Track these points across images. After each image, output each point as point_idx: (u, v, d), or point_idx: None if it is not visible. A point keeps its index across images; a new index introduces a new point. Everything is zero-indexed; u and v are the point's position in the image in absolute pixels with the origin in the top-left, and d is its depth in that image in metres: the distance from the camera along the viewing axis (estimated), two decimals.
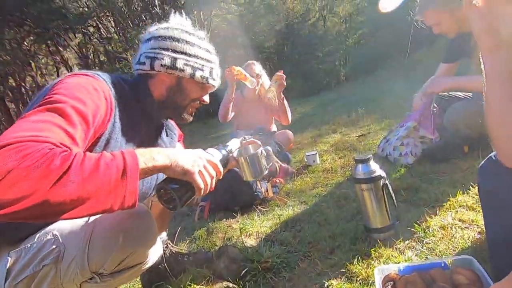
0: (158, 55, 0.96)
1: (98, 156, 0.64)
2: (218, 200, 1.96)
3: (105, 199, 0.61)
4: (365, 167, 1.23)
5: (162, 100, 1.00)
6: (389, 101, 4.22)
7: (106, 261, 0.79)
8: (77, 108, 0.72)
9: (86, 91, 0.78)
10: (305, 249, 1.30)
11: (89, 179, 0.59)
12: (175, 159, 0.74)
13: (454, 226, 1.16)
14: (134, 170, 0.65)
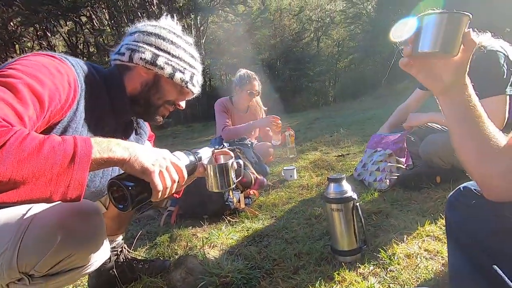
0: (140, 48, 0.92)
1: (45, 137, 0.57)
2: (187, 206, 1.87)
3: (43, 186, 0.55)
4: (337, 187, 1.21)
5: (135, 94, 0.95)
6: (371, 126, 4.32)
7: (39, 261, 0.70)
8: (32, 87, 0.66)
9: (47, 71, 0.72)
10: (268, 266, 1.24)
11: (26, 161, 0.53)
12: (135, 154, 0.67)
13: (420, 255, 1.14)
14: (85, 159, 0.58)
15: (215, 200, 1.81)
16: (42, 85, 0.68)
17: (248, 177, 2.06)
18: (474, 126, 0.65)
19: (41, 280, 0.73)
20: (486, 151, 0.65)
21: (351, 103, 9.22)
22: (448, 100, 0.67)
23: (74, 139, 0.60)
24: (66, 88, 0.75)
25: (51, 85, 0.70)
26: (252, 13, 11.57)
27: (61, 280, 0.76)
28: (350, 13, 14.27)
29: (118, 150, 0.65)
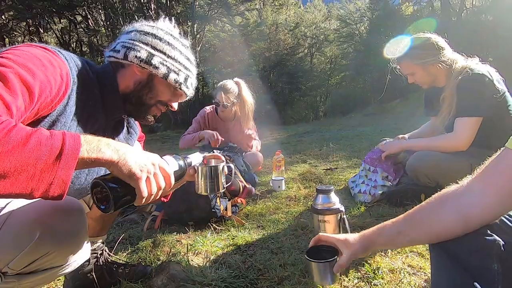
0: (136, 46, 0.91)
1: (32, 130, 0.55)
2: (172, 212, 1.84)
3: (25, 182, 0.52)
4: (325, 198, 1.22)
5: (127, 93, 0.94)
6: (360, 142, 4.40)
7: (14, 258, 0.67)
8: (22, 76, 0.64)
9: (39, 62, 0.70)
10: (253, 276, 1.22)
11: (10, 153, 0.51)
12: (124, 158, 0.66)
13: (403, 270, 1.15)
14: (71, 157, 0.56)
15: (201, 207, 1.78)
16: (33, 75, 0.67)
17: (237, 185, 2.05)
18: (407, 236, 0.81)
19: (13, 279, 0.69)
20: (433, 230, 0.76)
21: (340, 119, 9.40)
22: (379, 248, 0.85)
23: (63, 135, 0.58)
24: (58, 81, 0.73)
25: (43, 76, 0.69)
26: (249, 25, 11.78)
27: (35, 280, 0.73)
28: (344, 32, 14.76)
29: (107, 152, 0.63)
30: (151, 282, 1.15)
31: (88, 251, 0.84)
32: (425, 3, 13.56)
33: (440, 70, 1.73)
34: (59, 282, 1.30)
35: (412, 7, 14.78)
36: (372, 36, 12.75)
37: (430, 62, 1.71)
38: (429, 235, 0.76)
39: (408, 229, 0.78)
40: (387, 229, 0.82)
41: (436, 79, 1.77)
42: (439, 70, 1.73)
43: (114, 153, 0.64)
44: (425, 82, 1.80)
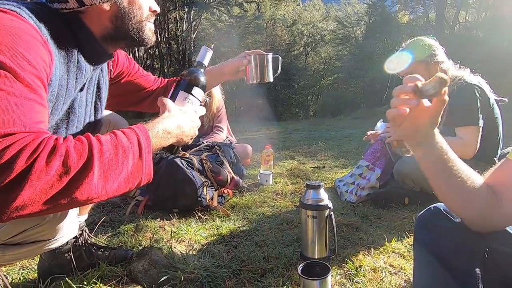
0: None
1: (114, 141, 0.60)
2: (157, 198, 1.80)
3: (125, 185, 0.61)
4: (314, 194, 1.22)
5: (109, 33, 0.79)
6: (348, 144, 4.45)
7: (2, 227, 0.64)
8: (27, 69, 0.57)
9: (22, 41, 0.59)
10: (236, 267, 1.21)
11: (110, 170, 0.57)
12: (182, 138, 0.80)
13: (385, 270, 1.17)
14: (149, 155, 0.65)
15: (187, 194, 1.75)
16: (31, 62, 0.58)
17: (224, 176, 2.02)
18: (450, 176, 0.68)
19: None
20: (464, 195, 0.69)
21: (330, 120, 9.49)
22: (425, 153, 0.70)
23: (137, 138, 0.64)
24: (45, 54, 0.63)
25: (36, 56, 0.60)
26: (246, 17, 11.63)
27: (19, 253, 0.69)
28: (340, 34, 14.84)
29: (168, 141, 0.75)
30: (132, 267, 1.12)
31: (77, 228, 0.82)
32: (421, 13, 13.81)
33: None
34: (34, 261, 1.25)
35: (408, 16, 15.02)
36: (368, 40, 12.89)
37: (433, 60, 1.74)
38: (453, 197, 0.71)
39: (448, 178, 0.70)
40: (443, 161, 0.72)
41: None
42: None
43: (173, 139, 0.77)
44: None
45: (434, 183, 0.72)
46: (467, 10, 12.74)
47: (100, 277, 1.06)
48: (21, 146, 0.49)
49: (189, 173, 1.78)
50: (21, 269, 1.20)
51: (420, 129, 0.67)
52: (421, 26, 12.58)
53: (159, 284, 1.06)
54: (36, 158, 0.49)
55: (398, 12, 14.69)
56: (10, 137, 0.49)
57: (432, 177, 0.71)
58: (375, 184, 1.93)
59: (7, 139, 0.49)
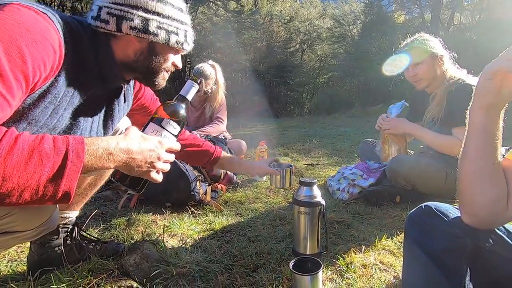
0: (127, 14, 0.78)
1: (34, 144, 0.54)
2: (150, 192, 1.79)
3: (30, 197, 0.54)
4: (307, 191, 1.22)
5: (127, 62, 0.85)
6: (342, 142, 4.48)
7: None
8: (14, 61, 0.57)
9: (29, 36, 0.60)
10: (228, 262, 1.22)
11: (12, 175, 0.51)
12: (131, 165, 0.70)
13: (375, 266, 1.19)
14: (74, 170, 0.57)
15: (180, 188, 1.75)
16: (25, 56, 0.59)
17: (218, 171, 2.02)
18: (490, 144, 0.69)
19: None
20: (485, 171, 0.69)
21: (324, 118, 9.52)
22: (490, 114, 0.70)
23: (66, 148, 0.57)
24: (51, 55, 0.65)
25: (36, 53, 0.61)
26: (243, 12, 11.54)
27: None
28: (336, 32, 14.85)
29: (110, 163, 0.66)
30: (123, 261, 1.11)
31: (55, 220, 0.80)
32: (417, 14, 13.90)
33: (441, 71, 1.78)
34: (23, 254, 1.23)
35: (404, 16, 15.11)
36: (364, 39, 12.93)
37: (439, 54, 1.76)
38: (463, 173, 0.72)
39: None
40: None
41: (434, 79, 1.80)
42: (440, 71, 1.78)
43: (119, 163, 0.67)
44: (425, 77, 1.80)
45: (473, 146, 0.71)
46: (461, 12, 12.87)
47: (91, 270, 1.05)
48: None
49: (182, 167, 1.77)
50: (9, 262, 1.18)
51: (504, 91, 0.67)
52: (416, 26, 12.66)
53: (151, 278, 1.06)
54: None
55: (394, 12, 14.75)
56: None
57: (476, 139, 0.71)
58: (366, 187, 1.95)
59: None
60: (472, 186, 0.71)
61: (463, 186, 0.74)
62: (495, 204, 0.70)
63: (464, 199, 0.74)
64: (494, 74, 0.68)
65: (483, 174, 0.71)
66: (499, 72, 0.67)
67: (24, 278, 1.05)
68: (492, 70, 0.69)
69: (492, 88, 0.69)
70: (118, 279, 1.02)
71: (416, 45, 1.80)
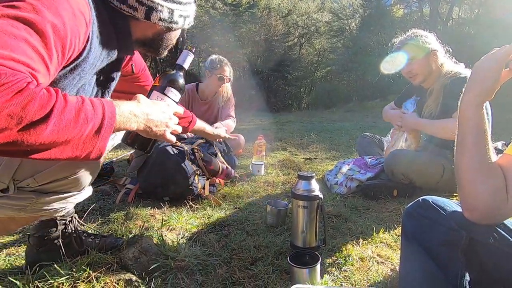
0: (157, 6, 0.83)
1: (79, 105, 0.60)
2: (148, 186, 1.79)
3: (71, 151, 0.60)
4: (306, 185, 1.23)
5: (146, 40, 0.92)
6: (340, 136, 4.49)
7: (43, 170, 0.74)
8: (57, 30, 0.60)
9: (69, 8, 0.63)
10: (226, 255, 1.22)
11: (65, 129, 0.57)
12: (149, 125, 0.78)
13: (372, 259, 1.20)
14: (108, 130, 0.64)
15: (178, 182, 1.75)
16: (65, 27, 0.61)
17: (216, 165, 2.02)
18: (483, 138, 0.72)
19: (33, 195, 0.77)
20: (482, 164, 0.71)
21: (322, 112, 9.52)
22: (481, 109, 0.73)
23: (103, 110, 0.63)
24: (83, 29, 0.68)
25: (73, 26, 0.64)
26: (241, 5, 11.42)
27: (50, 200, 0.80)
28: (335, 26, 14.76)
29: (134, 123, 0.74)
30: (122, 254, 1.11)
31: (91, 190, 0.93)
32: (416, 8, 13.84)
33: (436, 66, 1.78)
34: (21, 248, 1.23)
35: (402, 10, 15.03)
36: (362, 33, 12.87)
37: (433, 50, 1.76)
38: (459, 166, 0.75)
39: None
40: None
41: (429, 75, 1.81)
42: (435, 66, 1.78)
43: (140, 124, 0.75)
44: (421, 73, 1.81)
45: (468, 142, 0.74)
46: (460, 7, 12.83)
47: (89, 264, 1.05)
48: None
49: (180, 161, 1.77)
50: (7, 256, 1.18)
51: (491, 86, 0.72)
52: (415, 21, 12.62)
53: (150, 271, 1.06)
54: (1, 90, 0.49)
55: (393, 6, 14.66)
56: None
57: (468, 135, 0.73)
58: (364, 181, 1.96)
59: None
60: (472, 180, 0.72)
61: (464, 181, 0.75)
62: (495, 196, 0.71)
63: (464, 194, 0.75)
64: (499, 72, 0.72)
65: (482, 168, 0.72)
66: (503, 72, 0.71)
67: (22, 272, 1.05)
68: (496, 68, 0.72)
69: (492, 87, 0.72)
70: (117, 273, 1.02)
71: (410, 42, 1.81)
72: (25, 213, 0.79)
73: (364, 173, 2.02)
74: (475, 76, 0.76)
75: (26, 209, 0.78)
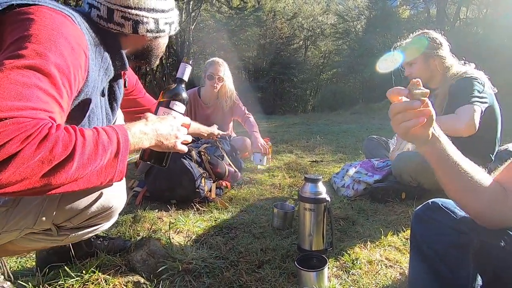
0: (143, 18, 0.84)
1: (96, 138, 0.63)
2: (155, 189, 1.80)
3: (96, 179, 0.64)
4: (312, 187, 1.22)
5: (136, 53, 0.94)
6: (346, 138, 4.47)
7: (78, 214, 0.80)
8: (61, 68, 0.62)
9: (69, 45, 0.66)
10: (233, 258, 1.22)
11: (87, 164, 0.61)
12: (159, 140, 0.81)
13: (381, 262, 1.19)
14: (125, 153, 0.68)
15: (185, 185, 1.76)
16: (67, 64, 0.64)
17: (222, 168, 2.03)
18: (457, 171, 0.70)
19: (68, 232, 0.83)
20: (471, 189, 0.70)
21: (328, 115, 9.48)
22: (429, 149, 0.71)
23: (117, 136, 0.67)
24: (83, 60, 0.71)
25: (74, 61, 0.67)
26: (246, 9, 11.49)
27: (83, 234, 0.85)
28: (340, 29, 14.72)
29: (146, 141, 0.78)
30: (130, 257, 1.12)
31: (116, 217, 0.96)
32: (422, 9, 13.72)
33: (438, 68, 1.74)
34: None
35: (409, 11, 14.92)
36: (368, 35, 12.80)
37: (432, 54, 1.73)
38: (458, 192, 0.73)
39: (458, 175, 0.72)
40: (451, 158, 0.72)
41: (432, 78, 1.78)
42: (437, 68, 1.75)
43: (152, 140, 0.79)
44: (420, 76, 1.78)
45: (443, 179, 0.73)
46: (468, 7, 12.68)
47: (98, 266, 1.06)
48: (19, 130, 0.53)
49: (187, 164, 1.78)
50: (19, 258, 1.20)
51: (419, 135, 0.68)
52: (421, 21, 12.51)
53: (158, 274, 1.07)
54: (28, 143, 0.53)
55: (399, 7, 14.57)
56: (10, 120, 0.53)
57: (440, 173, 0.73)
58: (372, 183, 1.94)
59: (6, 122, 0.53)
60: (463, 201, 0.73)
61: (455, 200, 0.75)
62: (493, 209, 0.70)
63: (462, 207, 0.76)
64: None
65: (467, 190, 0.71)
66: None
67: (33, 274, 1.07)
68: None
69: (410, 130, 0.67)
70: (125, 275, 1.04)
71: (409, 45, 1.79)
72: (54, 243, 0.86)
73: (371, 175, 2.00)
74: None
75: (60, 242, 0.84)
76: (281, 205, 1.57)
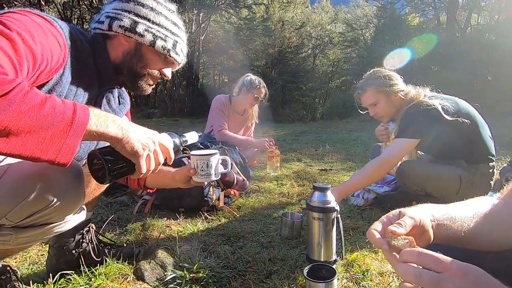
0: (119, 15, 0.89)
1: (47, 96, 0.56)
2: (164, 197, 1.81)
3: (35, 144, 0.53)
4: (321, 196, 1.21)
5: (118, 63, 0.92)
6: (355, 146, 4.42)
7: (13, 209, 0.67)
8: (26, 40, 0.63)
9: (40, 29, 0.69)
10: (241, 268, 1.21)
11: (26, 114, 0.52)
12: (128, 136, 0.69)
13: (392, 274, 1.15)
14: (80, 127, 0.58)
15: (193, 194, 1.76)
16: (36, 41, 0.66)
17: (231, 177, 2.03)
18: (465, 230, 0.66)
19: (10, 231, 0.70)
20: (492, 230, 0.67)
21: (337, 123, 9.41)
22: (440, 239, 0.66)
23: (74, 105, 0.59)
24: (57, 50, 0.73)
25: (44, 43, 0.68)
26: (255, 19, 11.66)
27: (32, 235, 0.73)
28: (348, 37, 14.73)
29: (113, 128, 0.66)
30: (138, 265, 1.13)
31: (84, 213, 0.85)
32: (432, 16, 13.63)
33: (401, 102, 1.76)
34: (43, 257, 1.27)
35: (418, 19, 14.84)
36: (377, 43, 12.76)
37: (394, 90, 1.75)
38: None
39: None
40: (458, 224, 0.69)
41: (398, 111, 1.79)
42: (400, 102, 1.76)
43: (119, 131, 0.67)
44: (386, 114, 1.82)
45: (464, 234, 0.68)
46: (479, 13, 12.52)
47: (107, 274, 1.07)
48: None
49: None
50: (31, 265, 1.22)
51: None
52: (431, 28, 12.41)
53: (165, 282, 1.07)
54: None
55: (408, 14, 14.51)
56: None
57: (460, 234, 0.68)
58: (381, 193, 1.91)
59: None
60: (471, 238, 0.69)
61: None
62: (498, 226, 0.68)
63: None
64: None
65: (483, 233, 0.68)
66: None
67: (44, 281, 1.08)
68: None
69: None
70: (133, 283, 1.04)
71: (369, 88, 1.79)
72: (10, 246, 0.75)
73: (381, 186, 1.97)
74: None
75: (10, 243, 0.73)
76: (289, 214, 1.55)
